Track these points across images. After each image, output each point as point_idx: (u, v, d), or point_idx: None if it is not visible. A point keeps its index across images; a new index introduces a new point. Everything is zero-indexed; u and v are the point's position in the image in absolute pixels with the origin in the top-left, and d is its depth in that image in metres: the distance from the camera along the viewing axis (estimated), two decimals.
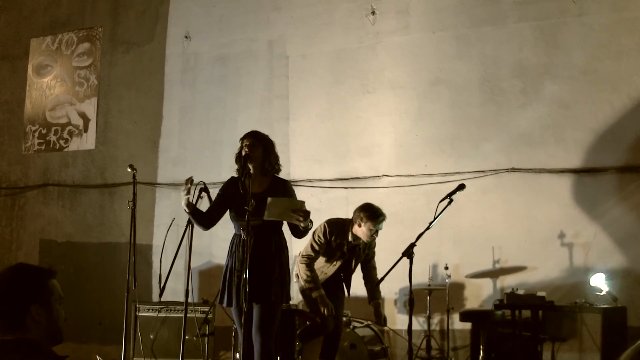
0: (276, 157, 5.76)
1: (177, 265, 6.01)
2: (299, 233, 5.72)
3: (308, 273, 6.53)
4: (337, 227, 6.66)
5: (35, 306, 2.71)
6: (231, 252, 5.64)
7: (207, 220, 5.75)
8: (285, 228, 5.82)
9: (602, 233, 7.72)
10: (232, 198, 5.66)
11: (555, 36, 8.21)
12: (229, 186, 5.76)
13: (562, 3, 8.17)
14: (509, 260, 8.05)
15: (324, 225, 6.64)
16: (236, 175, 5.77)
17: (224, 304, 5.63)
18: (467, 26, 8.63)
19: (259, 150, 5.59)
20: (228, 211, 5.78)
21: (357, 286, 8.63)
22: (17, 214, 11.30)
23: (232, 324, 7.10)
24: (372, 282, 6.84)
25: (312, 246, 6.60)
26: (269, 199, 5.39)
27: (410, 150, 8.72)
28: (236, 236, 5.64)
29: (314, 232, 6.54)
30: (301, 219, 5.43)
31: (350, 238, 6.63)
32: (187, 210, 5.67)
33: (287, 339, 6.53)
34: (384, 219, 6.58)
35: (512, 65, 8.37)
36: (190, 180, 5.63)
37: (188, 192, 5.59)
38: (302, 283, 6.65)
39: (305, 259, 6.59)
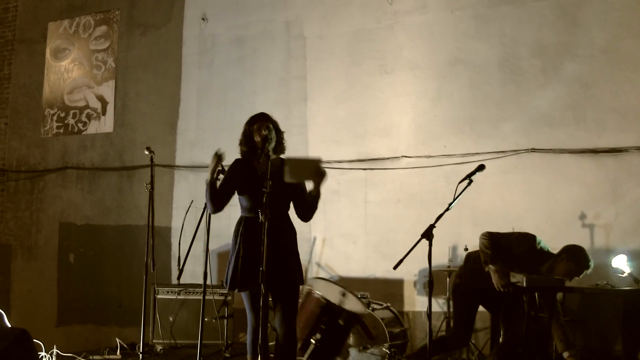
0: (284, 138, 5.75)
1: (196, 247, 6.01)
2: (305, 212, 5.65)
3: None
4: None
5: None
6: (241, 235, 5.56)
7: (219, 202, 5.66)
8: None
9: (623, 214, 7.64)
10: (243, 180, 5.59)
11: (575, 15, 8.11)
12: (237, 168, 5.69)
13: None
14: None
15: None
16: (240, 158, 5.71)
17: (235, 289, 5.56)
18: (485, 5, 8.55)
19: (273, 132, 5.55)
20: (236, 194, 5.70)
21: (376, 267, 8.64)
22: (37, 197, 11.36)
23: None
24: None
25: None
26: (287, 161, 5.32)
27: (429, 130, 8.67)
28: (246, 219, 5.56)
29: None
30: (320, 179, 5.36)
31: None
32: (207, 179, 5.60)
33: None
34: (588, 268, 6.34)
35: (531, 45, 8.28)
36: (218, 155, 5.57)
37: (215, 165, 5.54)
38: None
39: None
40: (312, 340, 6.15)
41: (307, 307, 6.23)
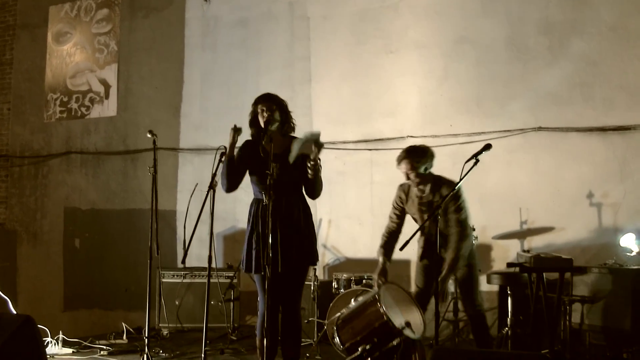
0: (291, 117, 5.66)
1: (202, 230, 5.95)
2: (310, 188, 5.57)
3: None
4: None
5: None
6: (253, 217, 5.55)
7: (233, 182, 5.61)
8: None
9: (632, 192, 7.59)
10: (251, 162, 5.56)
11: None
12: (246, 149, 5.64)
13: None
14: (536, 221, 7.96)
15: None
16: (250, 139, 5.66)
17: (247, 270, 5.56)
18: None
19: (277, 113, 5.50)
20: (248, 175, 5.66)
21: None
22: (41, 182, 11.34)
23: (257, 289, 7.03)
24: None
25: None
26: (294, 143, 5.29)
27: (435, 110, 8.60)
28: (257, 200, 5.55)
29: None
30: (316, 150, 5.31)
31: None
32: (227, 154, 5.52)
33: None
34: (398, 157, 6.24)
35: (538, 23, 8.20)
36: (235, 129, 5.48)
37: (233, 139, 5.45)
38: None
39: None
40: (359, 348, 6.09)
41: (368, 314, 6.11)
